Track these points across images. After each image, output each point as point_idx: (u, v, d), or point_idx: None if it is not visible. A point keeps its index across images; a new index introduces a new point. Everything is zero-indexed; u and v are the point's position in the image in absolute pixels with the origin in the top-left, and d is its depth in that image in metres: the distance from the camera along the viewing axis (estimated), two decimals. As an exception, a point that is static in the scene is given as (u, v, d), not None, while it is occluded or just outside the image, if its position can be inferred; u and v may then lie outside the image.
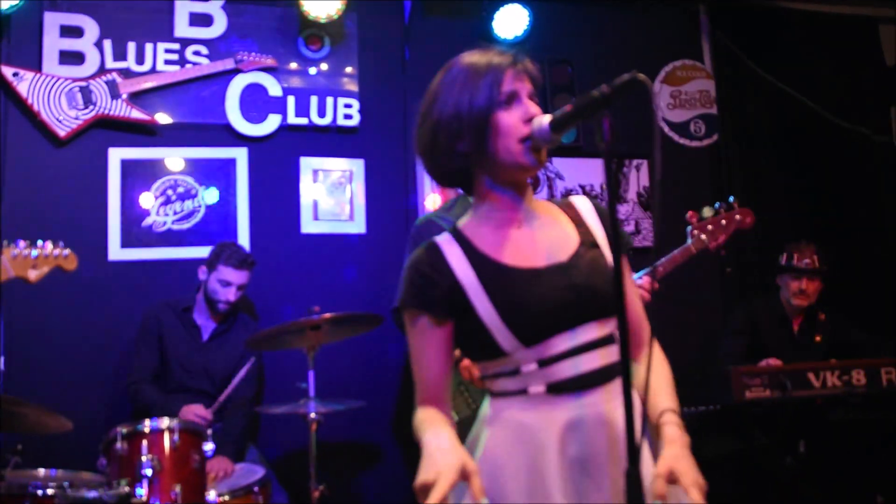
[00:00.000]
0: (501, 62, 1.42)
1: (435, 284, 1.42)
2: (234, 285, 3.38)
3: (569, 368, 1.38)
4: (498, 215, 1.46)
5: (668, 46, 4.67)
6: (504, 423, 1.41)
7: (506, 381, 1.42)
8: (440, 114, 1.43)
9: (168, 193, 3.84)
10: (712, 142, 4.66)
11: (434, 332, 1.43)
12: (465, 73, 1.43)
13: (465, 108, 1.40)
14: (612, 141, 1.28)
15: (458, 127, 1.41)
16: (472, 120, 1.39)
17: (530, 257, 1.43)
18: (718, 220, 2.76)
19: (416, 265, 1.45)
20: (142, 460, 2.60)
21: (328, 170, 4.07)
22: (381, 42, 4.22)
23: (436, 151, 1.45)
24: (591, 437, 1.36)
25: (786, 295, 3.80)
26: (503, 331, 1.37)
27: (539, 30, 4.16)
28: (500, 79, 1.40)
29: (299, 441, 3.28)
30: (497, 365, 1.42)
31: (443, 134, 1.43)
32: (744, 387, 3.19)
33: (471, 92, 1.40)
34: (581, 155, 4.36)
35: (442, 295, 1.41)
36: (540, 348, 1.38)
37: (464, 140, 1.42)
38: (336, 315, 2.98)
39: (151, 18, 3.86)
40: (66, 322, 3.60)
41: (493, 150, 1.40)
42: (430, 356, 1.45)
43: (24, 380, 3.44)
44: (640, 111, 4.61)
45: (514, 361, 1.39)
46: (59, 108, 3.65)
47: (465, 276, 1.41)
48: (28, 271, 2.59)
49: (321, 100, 4.03)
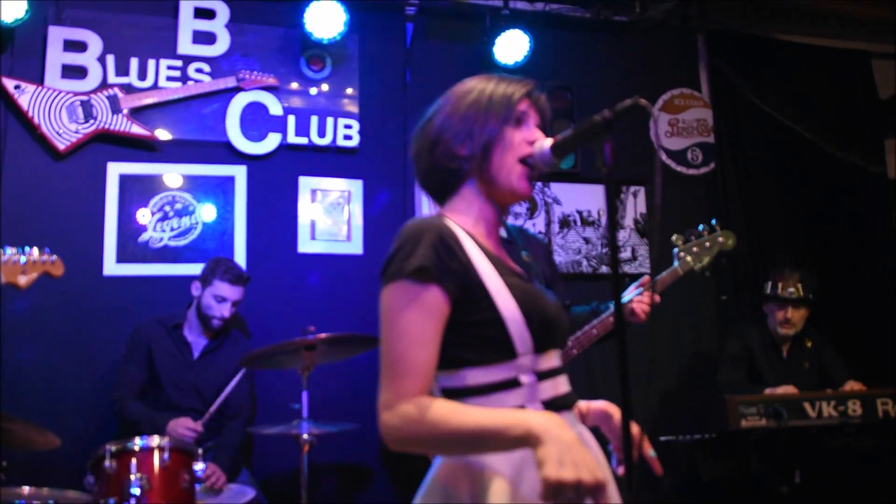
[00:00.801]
0: (520, 88, 1.47)
1: (456, 258, 1.30)
2: (228, 301, 3.36)
3: (552, 388, 1.36)
4: (486, 226, 1.47)
5: (667, 75, 4.72)
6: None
7: (501, 398, 1.30)
8: (450, 117, 1.45)
9: (165, 209, 3.83)
10: (709, 170, 4.69)
11: (441, 311, 1.27)
12: (481, 87, 1.47)
13: (477, 117, 1.43)
14: (613, 165, 1.30)
15: (465, 131, 1.43)
16: (483, 128, 1.42)
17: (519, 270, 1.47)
18: (703, 243, 2.86)
19: (438, 232, 1.31)
20: (130, 479, 2.55)
21: (326, 190, 4.07)
22: (382, 64, 4.25)
23: (435, 149, 1.46)
24: None
25: (772, 323, 3.82)
26: (522, 329, 1.31)
27: (539, 56, 4.19)
28: (515, 99, 1.45)
29: (291, 462, 3.25)
30: (493, 373, 1.30)
31: (448, 136, 1.44)
32: (740, 415, 3.18)
33: (487, 103, 1.43)
34: (579, 181, 4.38)
35: (457, 274, 1.29)
36: (540, 358, 1.35)
37: (468, 145, 1.43)
38: (331, 336, 2.95)
39: (155, 35, 3.88)
40: (58, 337, 3.56)
41: (494, 164, 1.43)
42: (432, 334, 1.27)
43: (12, 395, 3.38)
44: (637, 139, 4.69)
45: (517, 368, 1.31)
46: (59, 121, 3.65)
47: (482, 265, 1.34)
48: (18, 277, 2.63)
49: (321, 120, 4.05)
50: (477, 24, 4.26)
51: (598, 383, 4.07)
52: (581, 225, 4.41)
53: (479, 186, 1.45)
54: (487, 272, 1.34)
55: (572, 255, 4.37)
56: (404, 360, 1.25)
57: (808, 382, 3.67)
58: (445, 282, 1.28)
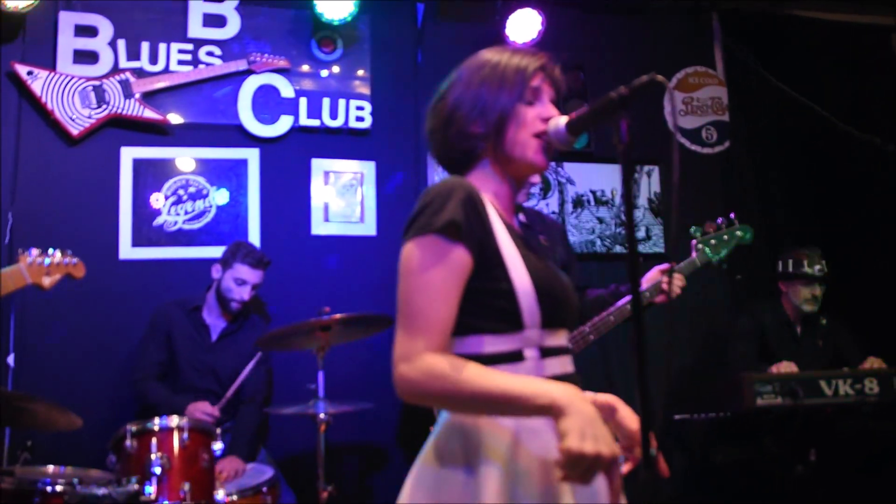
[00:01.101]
0: (533, 61, 1.45)
1: (480, 222, 1.31)
2: (249, 284, 3.39)
3: (558, 366, 1.35)
4: (500, 201, 1.46)
5: (681, 53, 4.67)
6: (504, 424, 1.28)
7: (504, 368, 1.29)
8: (463, 93, 1.44)
9: (179, 193, 3.85)
10: (724, 148, 4.65)
11: (464, 270, 1.27)
12: (494, 62, 1.45)
13: (490, 93, 1.41)
14: (629, 143, 1.29)
15: (478, 108, 1.42)
16: (496, 104, 1.41)
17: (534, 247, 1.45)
18: (721, 236, 2.89)
19: (468, 191, 1.31)
20: (151, 458, 2.59)
21: (339, 171, 4.08)
22: (393, 45, 4.24)
23: (449, 129, 1.45)
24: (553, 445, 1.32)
25: (794, 300, 3.79)
26: (532, 302, 1.30)
27: (552, 35, 4.15)
28: (529, 75, 1.43)
29: (308, 442, 3.28)
30: (501, 343, 1.30)
31: (461, 112, 1.43)
32: (755, 394, 3.17)
33: (500, 79, 1.42)
34: (592, 160, 4.36)
35: (479, 237, 1.30)
36: (547, 334, 1.34)
37: (481, 122, 1.42)
38: (346, 316, 2.97)
39: (165, 19, 3.88)
40: (77, 320, 3.61)
41: (508, 140, 1.42)
42: (454, 292, 1.26)
43: (34, 377, 3.45)
44: (651, 118, 4.65)
45: (523, 340, 1.31)
46: (72, 106, 3.67)
47: (501, 234, 1.34)
48: (42, 278, 2.75)
49: (333, 102, 4.04)
50: (488, 4, 4.22)
51: (613, 369, 4.09)
52: (595, 205, 4.39)
53: (494, 164, 1.45)
54: (505, 242, 1.34)
55: (586, 234, 4.36)
56: (426, 314, 1.24)
57: (821, 360, 3.66)
58: (470, 242, 1.28)
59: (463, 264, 1.27)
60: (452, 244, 1.26)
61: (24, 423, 2.79)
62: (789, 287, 3.82)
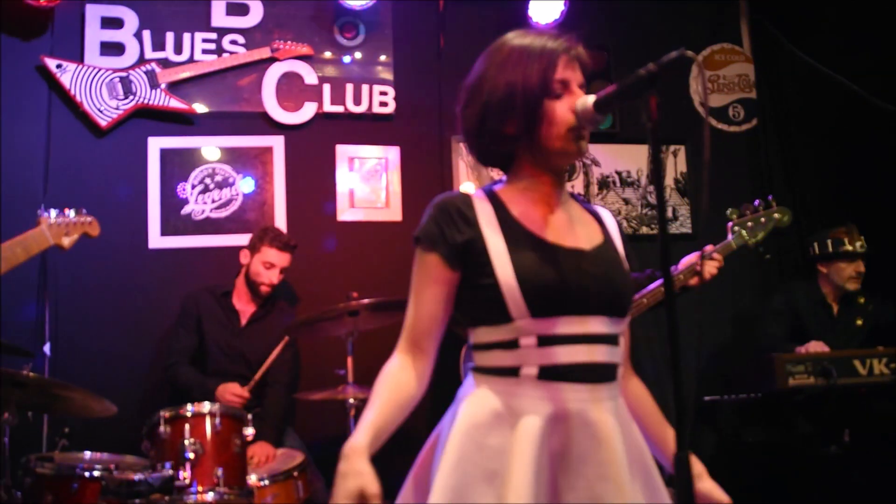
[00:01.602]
0: (555, 48, 1.41)
1: (458, 231, 1.40)
2: (277, 267, 3.43)
3: (566, 354, 1.34)
4: (535, 194, 1.46)
5: (707, 30, 4.60)
6: (487, 402, 1.36)
7: (500, 355, 1.37)
8: (490, 95, 1.42)
9: (206, 182, 3.88)
10: (751, 126, 4.58)
11: (440, 275, 1.41)
12: (517, 55, 1.42)
13: (517, 94, 1.39)
14: (659, 120, 1.27)
15: (508, 111, 1.40)
16: (524, 106, 1.39)
17: (558, 235, 1.43)
18: (758, 218, 2.82)
19: (445, 206, 1.43)
20: (184, 444, 2.62)
21: (364, 157, 4.08)
22: (415, 29, 4.22)
23: (482, 133, 1.45)
24: (575, 433, 1.32)
25: (836, 280, 3.72)
26: (516, 294, 1.34)
27: (575, 15, 4.11)
28: (553, 66, 1.40)
29: (338, 427, 3.31)
30: (496, 333, 1.37)
31: (492, 116, 1.42)
32: (787, 374, 3.14)
33: (524, 76, 1.39)
34: (617, 141, 4.32)
35: (459, 242, 1.40)
36: (545, 323, 1.34)
37: (512, 124, 1.41)
38: (374, 301, 2.98)
39: (189, 9, 3.91)
40: (109, 309, 3.67)
41: (542, 137, 1.41)
42: (429, 295, 1.42)
43: (69, 366, 3.52)
44: (677, 97, 4.58)
45: (516, 330, 1.35)
46: (100, 98, 3.71)
47: (490, 231, 1.40)
48: (62, 238, 2.80)
49: (356, 88, 4.05)
50: (511, -15, 4.19)
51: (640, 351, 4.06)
52: (620, 186, 4.36)
53: (531, 161, 1.46)
54: (494, 240, 1.39)
55: (612, 216, 4.32)
56: (407, 313, 1.46)
57: (858, 340, 3.61)
58: (446, 251, 1.40)
59: (437, 270, 1.42)
60: (428, 252, 1.43)
61: (61, 411, 2.86)
62: (830, 267, 3.75)
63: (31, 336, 3.50)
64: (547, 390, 1.33)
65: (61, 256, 3.61)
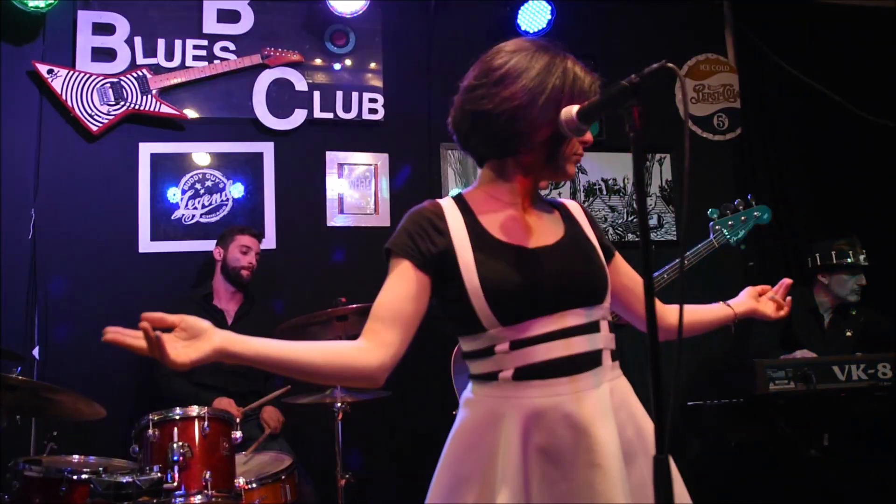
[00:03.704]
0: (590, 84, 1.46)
1: (430, 241, 1.42)
2: (252, 250, 3.58)
3: (541, 353, 1.37)
4: (506, 197, 1.49)
5: (692, 40, 4.67)
6: (476, 407, 1.42)
7: (481, 363, 1.42)
8: (534, 92, 1.40)
9: (196, 187, 3.91)
10: (735, 135, 4.65)
11: (410, 275, 1.41)
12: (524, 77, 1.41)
13: (534, 114, 1.40)
14: (641, 130, 1.30)
15: (548, 114, 1.40)
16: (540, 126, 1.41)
17: (524, 238, 1.46)
18: (738, 217, 2.87)
19: (417, 218, 1.46)
20: (173, 447, 2.64)
21: (353, 164, 4.12)
22: (405, 38, 4.26)
23: (481, 133, 1.46)
24: (555, 427, 1.35)
25: (838, 291, 3.76)
26: (483, 306, 1.37)
27: (562, 24, 4.17)
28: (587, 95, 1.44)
29: (325, 431, 3.33)
30: (474, 342, 1.42)
31: (530, 112, 1.40)
32: (768, 379, 3.20)
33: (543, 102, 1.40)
34: (604, 149, 4.37)
35: (433, 253, 1.41)
36: (516, 329, 1.37)
37: (546, 130, 1.42)
38: (362, 306, 3.02)
39: (180, 16, 3.93)
40: (98, 313, 3.67)
41: (549, 156, 1.45)
42: (394, 289, 1.41)
43: (58, 369, 3.52)
44: (663, 106, 4.63)
45: (490, 339, 1.39)
46: (91, 103, 3.73)
47: (460, 243, 1.42)
48: None
49: (346, 95, 4.08)
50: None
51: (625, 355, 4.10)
52: (606, 193, 4.41)
53: (517, 166, 1.48)
54: (462, 251, 1.41)
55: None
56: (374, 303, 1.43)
57: (847, 350, 3.65)
58: (418, 260, 1.41)
59: (408, 272, 1.41)
60: (400, 260, 1.42)
61: (50, 414, 2.85)
62: (832, 278, 3.78)
63: (20, 340, 3.50)
64: (522, 390, 1.37)
65: (51, 260, 3.65)
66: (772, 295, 1.87)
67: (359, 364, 1.35)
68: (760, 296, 1.85)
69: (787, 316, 1.85)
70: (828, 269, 3.78)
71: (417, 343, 1.41)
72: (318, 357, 1.32)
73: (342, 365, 1.34)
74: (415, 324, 1.41)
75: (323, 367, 1.32)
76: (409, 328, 1.41)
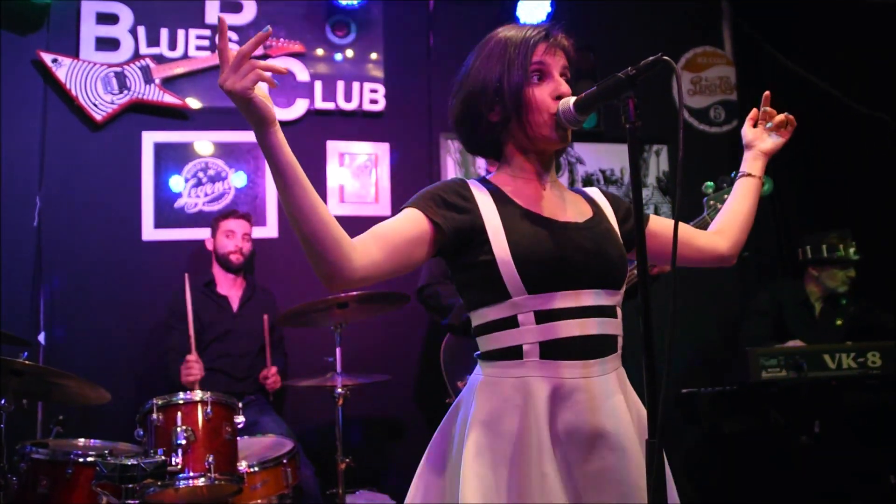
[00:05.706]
0: (534, 36, 1.46)
1: (453, 207, 1.41)
2: (238, 233, 3.61)
3: (565, 329, 1.37)
4: (525, 175, 1.51)
5: (689, 33, 4.70)
6: (497, 390, 1.39)
7: (501, 336, 1.39)
8: (474, 86, 1.48)
9: (199, 176, 3.95)
10: (732, 128, 4.69)
11: (417, 221, 1.39)
12: (499, 46, 1.48)
13: (497, 82, 1.45)
14: (637, 121, 1.33)
15: (490, 99, 1.46)
16: (505, 93, 1.44)
17: (551, 210, 1.48)
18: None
19: (443, 189, 1.45)
20: (176, 431, 2.67)
21: (354, 153, 4.16)
22: (406, 28, 4.29)
23: (468, 121, 1.51)
24: (579, 407, 1.36)
25: (828, 283, 3.80)
26: (511, 270, 1.37)
27: (562, 16, 4.20)
28: (531, 53, 1.45)
29: (326, 415, 3.39)
30: (496, 311, 1.40)
31: (476, 105, 1.48)
32: (761, 367, 3.25)
33: (504, 66, 1.45)
34: (602, 140, 4.41)
35: (454, 216, 1.40)
36: (541, 299, 1.37)
37: (496, 112, 1.47)
38: (362, 294, 3.07)
39: (183, 6, 3.96)
40: (103, 299, 3.73)
41: (524, 123, 1.46)
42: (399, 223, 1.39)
43: (63, 355, 3.57)
44: (660, 97, 4.66)
45: (514, 307, 1.38)
46: (95, 93, 3.76)
47: (487, 210, 1.42)
48: None
49: (347, 85, 4.12)
50: (499, -15, 4.27)
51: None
52: (604, 184, 4.46)
53: (517, 148, 1.51)
54: (491, 218, 1.41)
55: (595, 214, 4.41)
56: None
57: (837, 339, 3.69)
58: (427, 211, 1.39)
59: (413, 215, 1.39)
60: (411, 210, 1.40)
61: (56, 398, 2.90)
62: (822, 271, 3.82)
63: (26, 325, 3.55)
64: (548, 369, 1.37)
65: (56, 248, 3.69)
66: (763, 122, 1.99)
67: (343, 248, 1.30)
68: (755, 126, 1.97)
69: (792, 127, 1.96)
70: (819, 263, 3.81)
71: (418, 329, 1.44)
72: (325, 210, 1.30)
73: (334, 235, 1.30)
74: (398, 263, 1.38)
75: (321, 218, 1.29)
76: (393, 263, 1.37)
